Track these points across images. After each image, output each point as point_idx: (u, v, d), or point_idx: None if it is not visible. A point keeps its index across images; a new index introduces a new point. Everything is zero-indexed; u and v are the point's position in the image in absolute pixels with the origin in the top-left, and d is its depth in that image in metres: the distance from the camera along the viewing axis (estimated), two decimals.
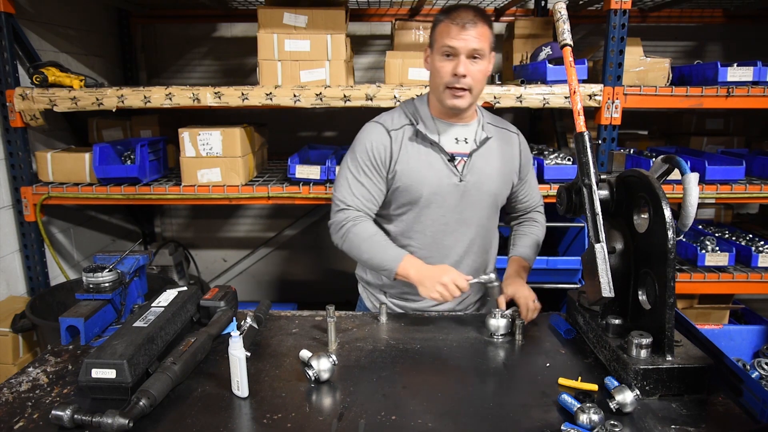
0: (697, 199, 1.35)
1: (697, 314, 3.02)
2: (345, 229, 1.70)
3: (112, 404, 1.15)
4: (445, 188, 1.70)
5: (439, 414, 1.22)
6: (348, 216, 1.71)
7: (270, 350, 1.51)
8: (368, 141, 1.71)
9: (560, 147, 3.22)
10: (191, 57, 3.83)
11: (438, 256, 1.75)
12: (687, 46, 3.85)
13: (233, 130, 2.62)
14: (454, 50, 1.59)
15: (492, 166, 1.75)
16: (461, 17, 1.58)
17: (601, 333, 1.44)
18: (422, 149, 1.70)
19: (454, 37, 1.58)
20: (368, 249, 1.67)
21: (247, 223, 4.12)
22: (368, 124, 1.76)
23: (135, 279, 1.72)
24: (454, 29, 1.58)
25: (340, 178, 1.76)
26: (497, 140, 1.77)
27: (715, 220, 3.45)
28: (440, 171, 1.69)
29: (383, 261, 1.65)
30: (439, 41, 1.62)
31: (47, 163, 2.67)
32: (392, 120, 1.74)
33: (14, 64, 2.56)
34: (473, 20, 1.58)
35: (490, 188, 1.75)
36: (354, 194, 1.72)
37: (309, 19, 2.61)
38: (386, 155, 1.70)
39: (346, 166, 1.75)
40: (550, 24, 3.14)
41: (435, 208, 1.72)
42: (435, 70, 1.65)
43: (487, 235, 1.82)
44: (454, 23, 1.58)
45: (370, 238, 1.68)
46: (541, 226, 1.96)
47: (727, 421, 1.20)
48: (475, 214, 1.76)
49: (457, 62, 1.59)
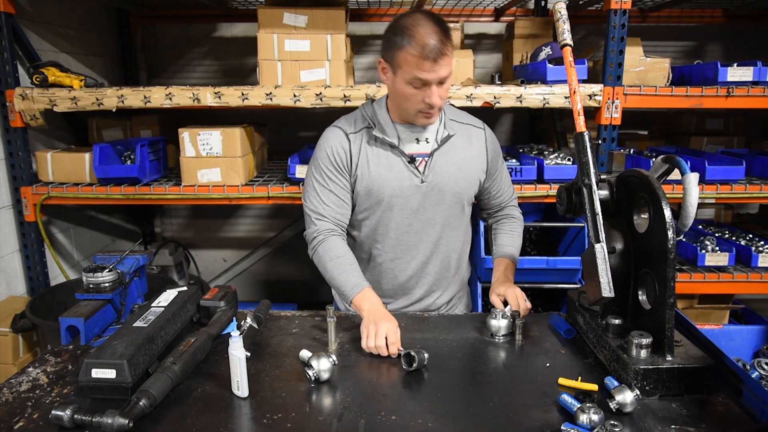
0: (697, 199, 1.34)
1: (697, 314, 3.02)
2: (315, 242, 1.70)
3: (112, 404, 1.15)
4: (406, 190, 1.69)
5: (439, 414, 1.22)
6: (318, 229, 1.70)
7: (270, 350, 1.51)
8: (328, 146, 1.70)
9: (560, 147, 3.22)
10: (191, 57, 3.83)
11: (405, 257, 1.76)
12: (687, 46, 3.85)
13: (233, 130, 2.62)
14: (426, 83, 1.52)
15: (455, 165, 1.72)
16: (431, 49, 1.46)
17: (601, 333, 1.44)
18: (381, 152, 1.68)
19: (428, 71, 1.49)
20: (332, 269, 1.65)
21: (247, 223, 4.12)
22: (328, 129, 1.75)
23: (135, 279, 1.73)
24: (426, 64, 1.48)
25: (307, 188, 1.74)
26: (461, 137, 1.74)
27: (715, 220, 3.45)
28: (401, 173, 1.68)
29: (343, 285, 1.63)
30: (406, 70, 1.52)
31: (47, 163, 2.67)
32: (351, 123, 1.72)
33: (14, 64, 2.56)
34: (442, 49, 1.48)
35: (453, 187, 1.72)
36: (324, 202, 1.71)
37: (309, 19, 2.61)
38: (347, 158, 1.69)
39: (311, 174, 1.73)
40: (550, 24, 3.14)
41: (397, 211, 1.71)
42: (402, 95, 1.58)
43: (454, 234, 1.80)
44: (424, 57, 1.47)
45: (336, 258, 1.66)
46: (519, 221, 1.94)
47: (727, 421, 1.20)
48: (439, 213, 1.74)
49: (429, 92, 1.53)
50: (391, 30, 1.55)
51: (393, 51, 1.53)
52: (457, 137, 1.73)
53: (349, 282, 1.63)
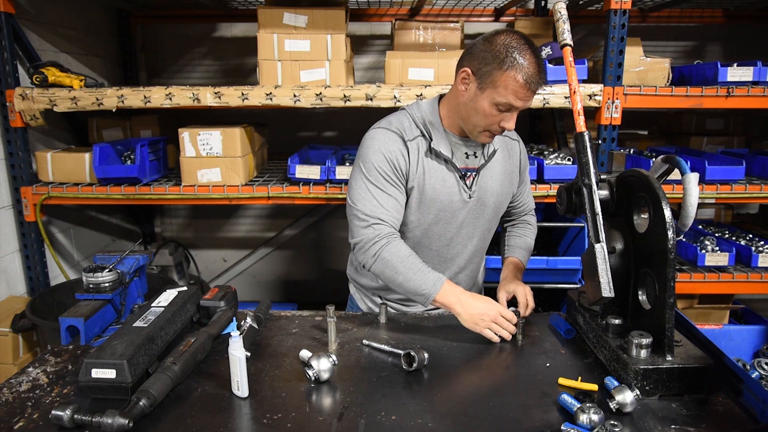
0: (697, 199, 1.34)
1: (697, 314, 3.02)
2: (378, 247, 1.56)
3: (112, 404, 1.15)
4: (455, 205, 1.67)
5: (439, 414, 1.22)
6: (380, 233, 1.57)
7: (270, 350, 1.51)
8: (386, 150, 1.60)
9: (560, 147, 3.22)
10: (191, 57, 3.83)
11: (440, 268, 1.72)
12: (687, 46, 3.85)
13: (233, 130, 2.62)
14: (515, 109, 1.51)
15: (495, 179, 1.72)
16: (536, 81, 1.46)
17: (601, 333, 1.44)
18: (436, 165, 1.63)
19: (522, 99, 1.48)
20: (404, 271, 1.54)
21: (247, 223, 4.12)
22: (380, 131, 1.64)
23: (135, 279, 1.73)
24: (526, 93, 1.47)
25: (359, 191, 1.61)
26: (501, 151, 1.74)
27: (715, 220, 3.45)
28: (452, 187, 1.65)
29: (421, 285, 1.53)
30: (500, 92, 1.47)
31: (47, 163, 2.67)
32: (404, 129, 1.63)
33: (14, 64, 2.56)
34: (542, 82, 1.48)
35: (494, 202, 1.73)
36: (383, 206, 1.59)
37: (309, 19, 2.61)
38: (406, 166, 1.61)
39: (363, 176, 1.61)
40: (550, 24, 3.14)
41: (443, 225, 1.70)
42: (480, 112, 1.53)
43: (485, 244, 1.83)
44: (527, 86, 1.46)
45: (406, 258, 1.55)
46: (534, 228, 1.96)
47: (727, 421, 1.20)
48: (478, 228, 1.75)
49: (509, 118, 1.52)
50: (492, 44, 1.48)
51: (491, 68, 1.47)
52: (499, 151, 1.73)
53: (427, 280, 1.54)
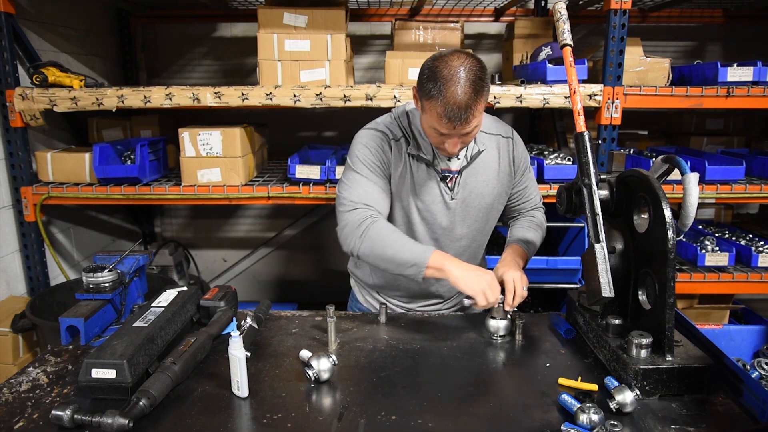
0: (697, 199, 1.34)
1: (697, 314, 3.02)
2: (364, 226, 1.56)
3: (112, 404, 1.15)
4: (436, 206, 1.66)
5: (439, 414, 1.22)
6: (366, 214, 1.58)
7: (270, 350, 1.51)
8: (370, 145, 1.64)
9: (560, 147, 3.22)
10: (191, 57, 3.83)
11: None
12: (687, 46, 3.85)
13: (233, 130, 2.62)
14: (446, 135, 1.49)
15: (484, 180, 1.69)
16: (455, 115, 1.41)
17: (601, 333, 1.44)
18: (416, 165, 1.64)
19: (446, 130, 1.47)
20: (393, 244, 1.53)
21: (247, 223, 4.12)
22: (367, 131, 1.68)
23: (135, 279, 1.73)
24: (446, 125, 1.44)
25: (347, 182, 1.65)
26: (489, 151, 1.70)
27: (715, 220, 3.45)
28: (433, 189, 1.65)
29: (412, 255, 1.51)
30: (430, 116, 1.47)
31: (47, 163, 2.67)
32: (391, 129, 1.66)
33: (14, 64, 2.56)
34: (466, 116, 1.42)
35: (482, 202, 1.70)
36: (368, 192, 1.61)
37: (309, 19, 2.61)
38: (389, 162, 1.64)
39: (349, 169, 1.65)
40: (550, 24, 3.14)
41: (426, 225, 1.69)
42: (427, 131, 1.55)
43: (479, 242, 1.81)
44: (447, 119, 1.42)
45: (393, 232, 1.56)
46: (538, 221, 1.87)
47: (727, 421, 1.20)
48: (467, 228, 1.73)
49: (449, 142, 1.50)
50: (429, 69, 1.45)
51: (423, 92, 1.47)
52: (486, 151, 1.68)
53: (416, 250, 1.53)
